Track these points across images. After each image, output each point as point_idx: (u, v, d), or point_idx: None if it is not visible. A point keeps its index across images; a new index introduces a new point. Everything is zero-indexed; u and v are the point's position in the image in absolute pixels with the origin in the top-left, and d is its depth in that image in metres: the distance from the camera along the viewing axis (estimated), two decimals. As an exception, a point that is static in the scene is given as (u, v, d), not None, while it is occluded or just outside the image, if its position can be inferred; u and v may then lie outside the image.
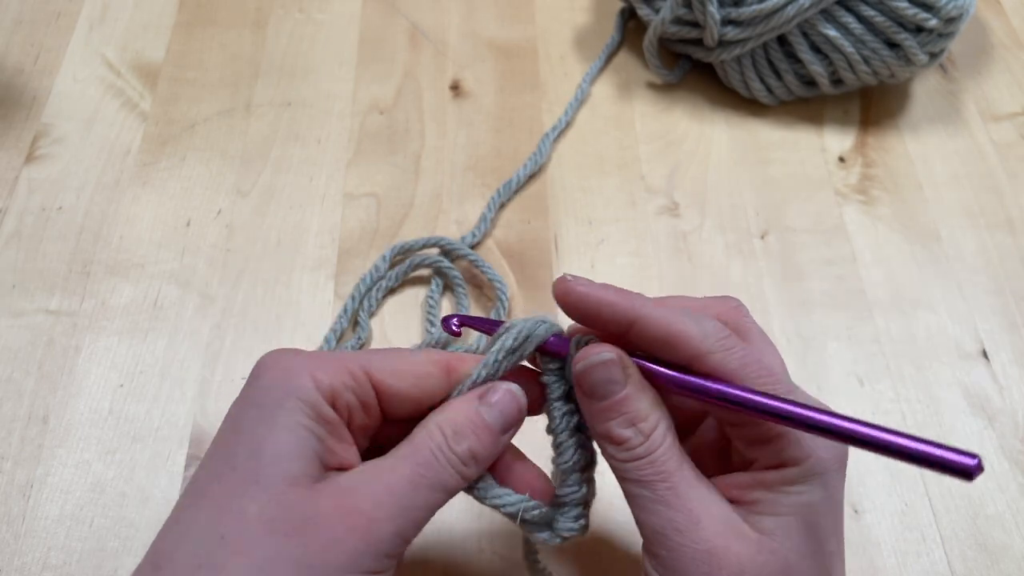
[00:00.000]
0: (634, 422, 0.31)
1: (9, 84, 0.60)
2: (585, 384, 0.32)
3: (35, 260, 0.52)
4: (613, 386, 0.32)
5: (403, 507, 0.30)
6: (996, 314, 0.52)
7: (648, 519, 0.31)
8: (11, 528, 0.42)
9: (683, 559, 0.30)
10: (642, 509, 0.31)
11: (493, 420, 0.32)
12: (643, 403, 0.32)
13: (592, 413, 0.33)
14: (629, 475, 0.31)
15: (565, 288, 0.33)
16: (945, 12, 0.54)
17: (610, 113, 0.61)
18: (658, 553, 0.31)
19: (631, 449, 0.31)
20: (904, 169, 0.58)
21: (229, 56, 0.62)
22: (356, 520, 0.29)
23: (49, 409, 0.46)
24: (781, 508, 0.31)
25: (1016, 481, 0.46)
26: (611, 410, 0.32)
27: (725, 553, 0.30)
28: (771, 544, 0.30)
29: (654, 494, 0.31)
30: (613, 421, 0.32)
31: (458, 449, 0.31)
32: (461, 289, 0.51)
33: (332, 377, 0.31)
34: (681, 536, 0.30)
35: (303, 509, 0.29)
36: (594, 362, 0.32)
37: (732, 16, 0.56)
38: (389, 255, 0.52)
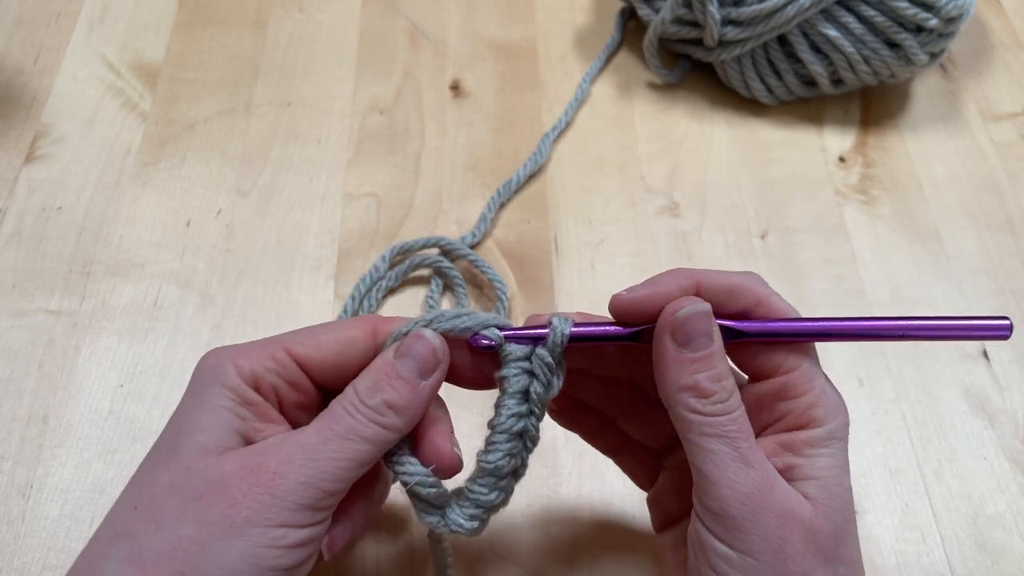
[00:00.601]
0: (720, 378, 0.32)
1: (9, 84, 0.60)
2: (682, 334, 0.32)
3: (35, 260, 0.52)
4: (705, 339, 0.32)
5: (311, 458, 0.30)
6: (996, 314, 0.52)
7: (728, 477, 0.30)
8: (11, 528, 0.42)
9: (762, 520, 0.30)
10: (721, 466, 0.31)
11: (407, 368, 0.33)
12: (725, 362, 0.32)
13: (680, 363, 0.32)
14: (711, 429, 0.31)
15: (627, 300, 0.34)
16: (945, 12, 0.54)
17: (610, 113, 0.61)
18: (732, 513, 0.30)
19: (720, 403, 0.31)
20: (904, 169, 0.58)
21: (229, 56, 0.62)
22: (260, 476, 0.30)
23: (49, 409, 0.46)
24: (816, 471, 0.32)
25: (1016, 481, 0.46)
26: (702, 362, 0.32)
27: (796, 516, 0.30)
28: (824, 508, 0.31)
29: (736, 451, 0.31)
30: (703, 373, 0.32)
31: (371, 401, 0.32)
32: (461, 289, 0.51)
33: (253, 362, 0.33)
34: (762, 497, 0.30)
35: (209, 473, 0.30)
36: (696, 311, 0.32)
37: (732, 16, 0.56)
38: (389, 255, 0.52)
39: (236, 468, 0.30)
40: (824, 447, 0.32)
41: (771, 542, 0.30)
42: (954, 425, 0.47)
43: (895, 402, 0.48)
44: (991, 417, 0.48)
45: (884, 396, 0.48)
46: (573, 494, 0.44)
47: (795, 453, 0.32)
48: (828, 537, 0.31)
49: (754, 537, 0.30)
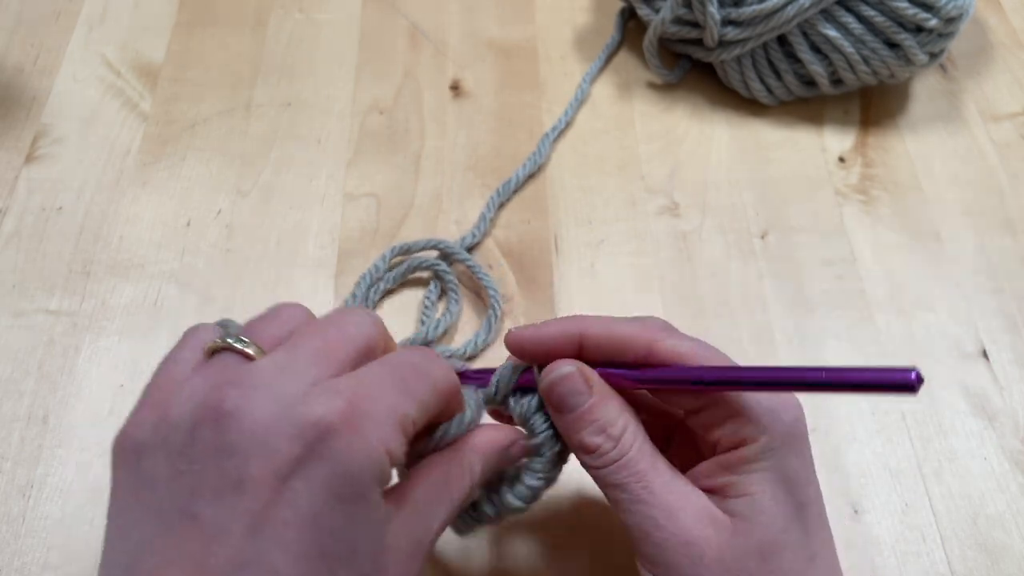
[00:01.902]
0: (604, 429, 0.33)
1: (9, 84, 0.60)
2: (552, 399, 0.34)
3: (35, 260, 0.52)
4: (578, 397, 0.33)
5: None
6: (996, 314, 0.52)
7: (630, 519, 0.32)
8: (11, 528, 0.42)
9: (667, 552, 0.31)
10: (624, 511, 0.32)
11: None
12: (610, 409, 0.33)
13: (564, 426, 0.34)
14: (607, 480, 0.32)
15: (513, 340, 0.35)
16: (945, 12, 0.54)
17: (610, 113, 0.61)
18: (645, 551, 0.32)
19: (604, 455, 0.32)
20: (904, 169, 0.58)
21: (229, 56, 0.62)
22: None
23: (49, 409, 0.46)
24: (748, 488, 0.32)
25: (1016, 481, 0.46)
26: (580, 420, 0.33)
27: (705, 541, 0.31)
28: (744, 525, 0.31)
29: (631, 495, 0.32)
30: (584, 431, 0.33)
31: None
32: (454, 294, 0.51)
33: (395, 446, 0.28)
34: (661, 531, 0.31)
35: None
36: (556, 377, 0.33)
37: (732, 16, 0.56)
38: (389, 256, 0.52)
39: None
40: (757, 462, 0.32)
41: (683, 568, 0.31)
42: (954, 425, 0.47)
43: (894, 402, 0.48)
44: (991, 417, 0.48)
45: (884, 396, 0.48)
46: (572, 493, 0.44)
47: (732, 473, 0.32)
48: (749, 555, 0.31)
49: (668, 567, 0.31)
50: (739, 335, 0.50)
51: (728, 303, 0.52)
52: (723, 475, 0.32)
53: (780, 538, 0.31)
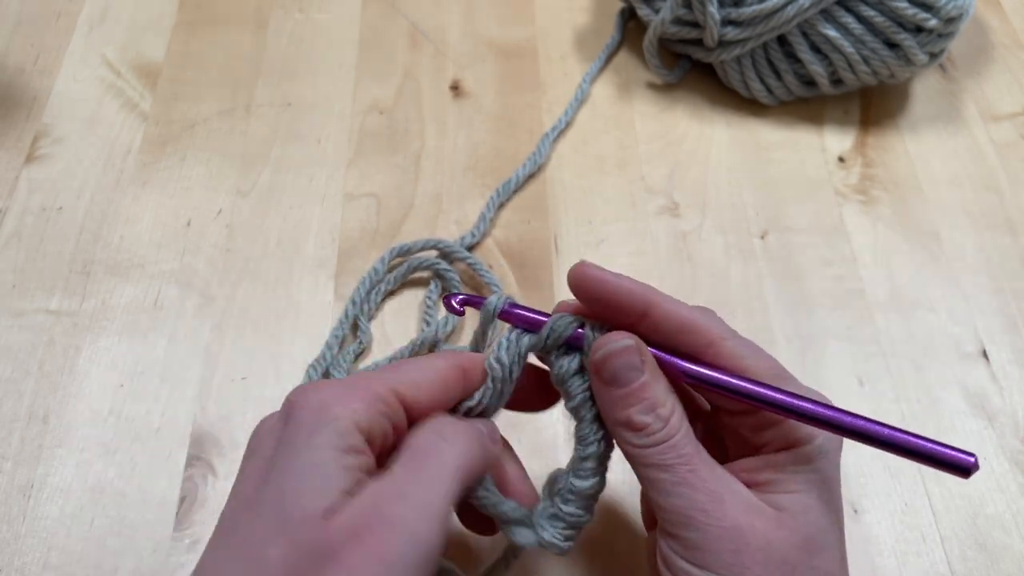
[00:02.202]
0: (653, 408, 0.32)
1: (9, 84, 0.60)
2: (605, 372, 0.33)
3: (35, 260, 0.52)
4: (632, 373, 0.32)
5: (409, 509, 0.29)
6: (996, 314, 0.52)
7: (672, 502, 0.31)
8: (11, 528, 0.42)
9: (710, 538, 0.30)
10: (664, 493, 0.31)
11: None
12: (660, 389, 0.32)
13: (611, 400, 0.33)
14: (650, 460, 0.32)
15: (583, 272, 0.34)
16: (945, 12, 0.54)
17: (610, 113, 0.61)
18: (683, 535, 0.31)
19: (652, 435, 0.32)
20: (904, 169, 0.58)
21: (229, 56, 0.63)
22: (369, 544, 0.28)
23: (49, 409, 0.46)
24: (793, 486, 0.32)
25: (1016, 481, 0.46)
26: (631, 397, 0.32)
27: (750, 530, 0.30)
28: (789, 519, 0.31)
29: (677, 476, 0.31)
30: (633, 408, 0.32)
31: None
32: (457, 292, 0.51)
33: (368, 407, 0.30)
34: (707, 516, 0.30)
35: (319, 546, 0.28)
36: (614, 349, 0.32)
37: (732, 16, 0.56)
38: (388, 257, 0.52)
39: (345, 537, 0.28)
40: (806, 464, 0.32)
41: (727, 556, 0.30)
42: (954, 425, 0.47)
43: (895, 402, 0.48)
44: (991, 417, 0.48)
45: (884, 396, 0.48)
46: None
47: (779, 471, 0.32)
48: (794, 548, 0.31)
49: (708, 553, 0.30)
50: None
51: (728, 303, 0.52)
52: (768, 472, 0.32)
53: (822, 538, 0.32)
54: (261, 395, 0.47)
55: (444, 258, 0.52)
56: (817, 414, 0.31)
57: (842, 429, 0.31)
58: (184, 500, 0.44)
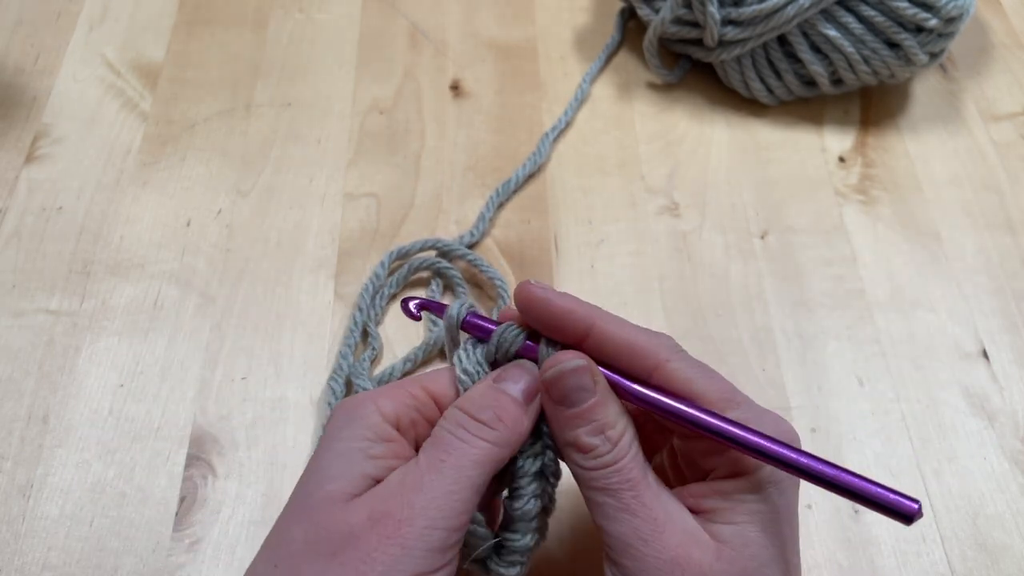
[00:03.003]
0: (602, 430, 0.32)
1: (9, 84, 0.60)
2: (556, 391, 0.32)
3: (35, 260, 0.52)
4: (583, 393, 0.32)
5: (429, 499, 0.29)
6: (996, 314, 0.52)
7: (612, 527, 0.31)
8: (11, 528, 0.42)
9: (647, 568, 0.30)
10: (607, 517, 0.31)
11: (513, 389, 0.32)
12: (611, 411, 0.32)
13: (560, 420, 0.33)
14: (595, 483, 0.32)
15: (527, 292, 0.33)
16: (945, 12, 0.54)
17: (610, 113, 0.61)
18: (621, 562, 0.31)
19: (599, 457, 0.32)
20: (904, 169, 0.58)
21: (229, 56, 0.63)
22: (387, 526, 0.29)
23: (49, 409, 0.46)
24: (737, 516, 0.31)
25: (1016, 481, 0.46)
26: (580, 417, 0.32)
27: (687, 562, 0.30)
28: (729, 552, 0.31)
29: (619, 502, 0.31)
30: (581, 428, 0.32)
31: (481, 415, 0.31)
32: (461, 288, 0.51)
33: (394, 399, 0.32)
34: (645, 545, 0.30)
35: (340, 528, 0.29)
36: (566, 368, 0.32)
37: (732, 16, 0.56)
38: (387, 261, 0.51)
39: (364, 519, 0.29)
40: (752, 493, 0.31)
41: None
42: (954, 425, 0.47)
43: (895, 402, 0.48)
44: (991, 417, 0.48)
45: (884, 396, 0.48)
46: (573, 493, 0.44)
47: (723, 497, 0.32)
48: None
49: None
50: (739, 335, 0.50)
51: (728, 303, 0.52)
52: (714, 499, 0.32)
53: (760, 572, 0.31)
54: (261, 395, 0.47)
55: (443, 256, 0.52)
56: (759, 447, 0.30)
57: (783, 464, 0.30)
58: (184, 500, 0.44)
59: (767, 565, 0.31)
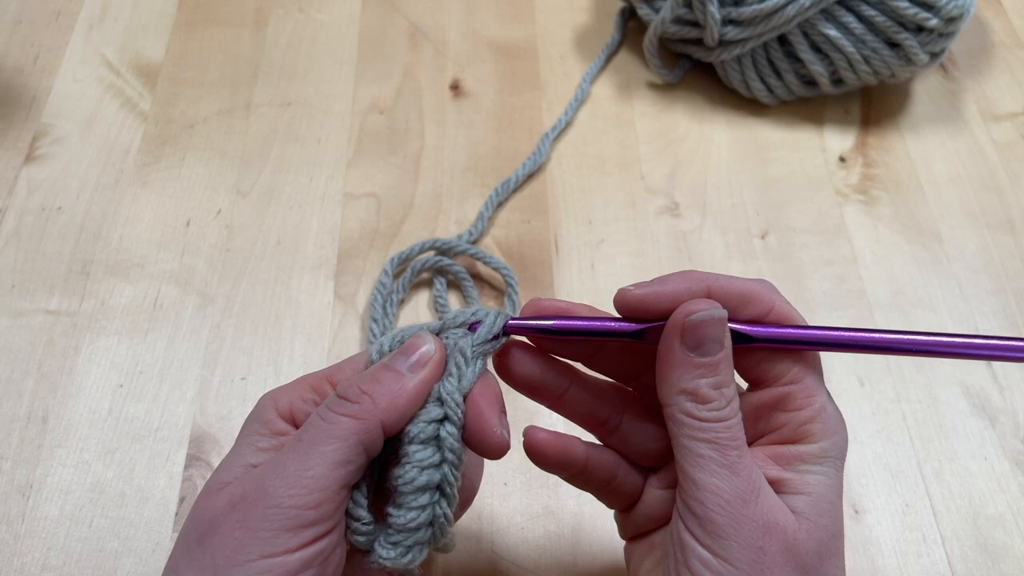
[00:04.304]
0: (720, 386, 0.32)
1: (9, 84, 0.60)
2: (693, 337, 0.32)
3: (35, 260, 0.52)
4: (715, 345, 0.32)
5: (278, 477, 0.29)
6: (996, 314, 0.52)
7: (711, 481, 0.30)
8: (11, 528, 0.42)
9: (740, 528, 0.30)
10: (708, 471, 0.31)
11: (395, 361, 0.32)
12: (731, 369, 0.32)
13: (685, 366, 0.32)
14: (704, 435, 0.31)
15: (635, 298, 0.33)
16: (946, 12, 0.54)
17: (610, 113, 0.61)
18: (712, 518, 0.30)
19: (717, 410, 0.31)
20: (904, 169, 0.58)
21: (229, 56, 0.62)
22: (240, 511, 0.29)
23: (49, 409, 0.46)
24: (806, 487, 0.31)
25: (1017, 481, 0.46)
26: (708, 368, 0.31)
27: (776, 527, 0.30)
28: (806, 522, 0.31)
29: (725, 458, 0.31)
30: (705, 379, 0.31)
31: (345, 392, 0.31)
32: (468, 283, 0.51)
33: (291, 395, 0.33)
34: (744, 506, 0.30)
35: (205, 515, 0.30)
36: (711, 316, 0.32)
37: (732, 16, 0.56)
38: (391, 268, 0.51)
39: (225, 504, 0.30)
40: (816, 464, 0.32)
41: (750, 551, 0.30)
42: (954, 425, 0.47)
43: (895, 402, 0.48)
44: (991, 417, 0.48)
45: (884, 396, 0.48)
46: (573, 492, 0.44)
47: (785, 467, 0.32)
48: (810, 553, 0.30)
49: (733, 544, 0.30)
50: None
51: (728, 303, 0.52)
52: (776, 469, 0.32)
53: (832, 544, 0.31)
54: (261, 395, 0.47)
55: (444, 255, 0.52)
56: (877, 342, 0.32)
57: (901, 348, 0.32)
58: (184, 500, 0.44)
59: (836, 537, 0.31)
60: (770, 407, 0.33)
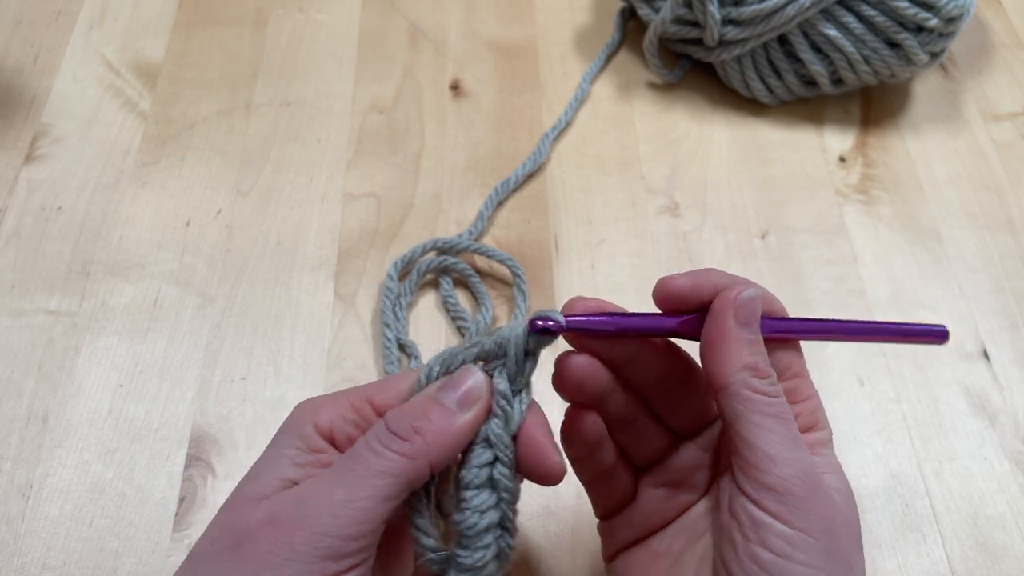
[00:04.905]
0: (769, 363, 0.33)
1: (9, 84, 0.60)
2: (746, 312, 0.33)
3: (35, 260, 0.52)
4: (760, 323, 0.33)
5: (324, 505, 0.29)
6: (996, 314, 0.52)
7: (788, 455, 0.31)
8: (10, 528, 0.42)
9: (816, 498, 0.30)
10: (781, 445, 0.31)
11: (445, 397, 0.32)
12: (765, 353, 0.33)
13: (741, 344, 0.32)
14: (770, 408, 0.31)
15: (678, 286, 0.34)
16: (946, 12, 0.54)
17: (610, 113, 0.61)
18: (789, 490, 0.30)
19: (774, 384, 0.32)
20: (904, 169, 0.58)
21: (229, 56, 0.62)
22: (282, 528, 0.29)
23: (49, 409, 0.46)
24: (835, 468, 0.32)
25: (1017, 481, 0.46)
26: (759, 344, 0.33)
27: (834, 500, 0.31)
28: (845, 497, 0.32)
29: (790, 432, 0.31)
30: (760, 356, 0.32)
31: (396, 426, 0.31)
32: (474, 279, 0.51)
33: (331, 412, 0.32)
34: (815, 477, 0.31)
35: (242, 524, 0.30)
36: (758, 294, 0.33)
37: (732, 16, 0.56)
38: (395, 273, 0.51)
39: (264, 518, 0.29)
40: (827, 447, 0.33)
41: (824, 521, 0.30)
42: (954, 425, 0.47)
43: (895, 402, 0.48)
44: (991, 417, 0.48)
45: (884, 396, 0.48)
46: (573, 492, 0.44)
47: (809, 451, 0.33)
48: (854, 522, 0.32)
49: (812, 515, 0.30)
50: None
51: (728, 303, 0.52)
52: None
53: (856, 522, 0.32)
54: (261, 395, 0.47)
55: (446, 253, 0.52)
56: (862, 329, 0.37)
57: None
58: (183, 500, 0.44)
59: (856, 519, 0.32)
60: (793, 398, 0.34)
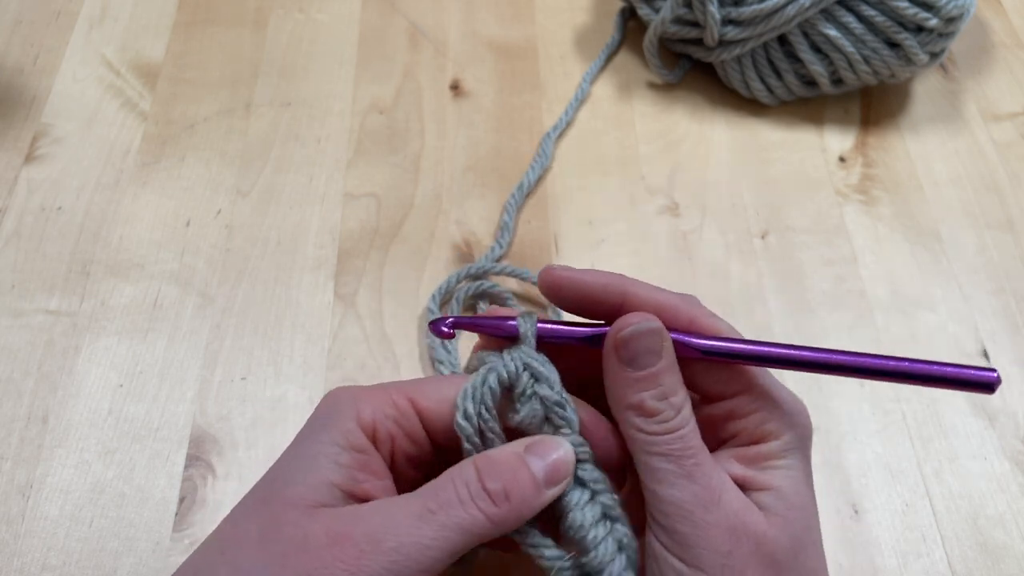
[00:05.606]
0: (666, 396, 0.31)
1: (9, 84, 0.60)
2: (626, 352, 0.32)
3: (35, 260, 0.52)
4: (652, 357, 0.31)
5: (401, 543, 0.28)
6: (996, 314, 0.52)
7: (671, 493, 0.30)
8: (10, 528, 0.42)
9: (707, 535, 0.30)
10: (667, 484, 0.31)
11: (537, 467, 0.31)
12: (676, 378, 0.32)
13: (625, 382, 0.32)
14: (656, 448, 0.31)
15: (552, 275, 0.33)
16: (946, 12, 0.54)
17: (610, 113, 0.61)
18: (679, 528, 0.30)
19: (665, 422, 0.31)
20: (904, 169, 0.58)
21: (229, 56, 0.62)
22: (344, 549, 0.28)
23: (49, 409, 0.46)
24: (773, 482, 0.31)
25: (1017, 481, 0.46)
26: (647, 381, 0.31)
27: (744, 529, 0.30)
28: (777, 518, 0.31)
29: (681, 468, 0.30)
30: (647, 392, 0.31)
31: (490, 485, 0.30)
32: (512, 301, 0.50)
33: (374, 408, 0.32)
34: (707, 512, 0.30)
35: (295, 533, 0.29)
36: (641, 330, 0.31)
37: (732, 16, 0.56)
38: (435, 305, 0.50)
39: (322, 533, 0.29)
40: (780, 459, 0.32)
41: (718, 556, 0.30)
42: (954, 425, 0.47)
43: (895, 402, 0.48)
44: (991, 417, 0.48)
45: (884, 396, 0.48)
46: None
47: (751, 466, 0.32)
48: (783, 549, 0.30)
49: (702, 551, 0.30)
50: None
51: (728, 303, 0.52)
52: (740, 467, 0.32)
53: (806, 536, 0.31)
54: (261, 395, 0.47)
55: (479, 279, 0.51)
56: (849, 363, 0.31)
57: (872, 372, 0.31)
58: (183, 500, 0.44)
59: (811, 529, 0.31)
60: (723, 418, 0.33)
